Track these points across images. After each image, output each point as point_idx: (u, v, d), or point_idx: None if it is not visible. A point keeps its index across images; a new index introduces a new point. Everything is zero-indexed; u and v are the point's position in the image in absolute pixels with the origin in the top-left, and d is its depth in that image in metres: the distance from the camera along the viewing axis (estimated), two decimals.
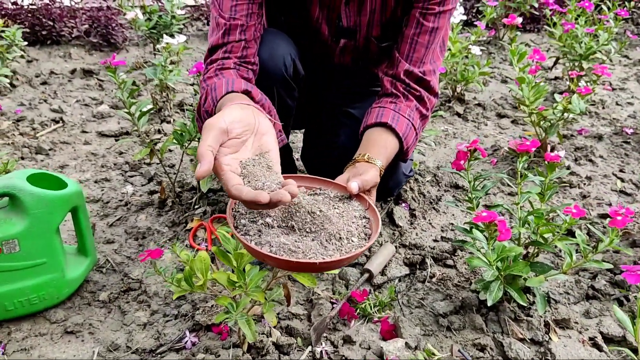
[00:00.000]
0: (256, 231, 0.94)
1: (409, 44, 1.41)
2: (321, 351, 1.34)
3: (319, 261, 0.89)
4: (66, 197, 1.38)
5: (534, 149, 1.31)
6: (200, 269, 1.14)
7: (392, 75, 1.44)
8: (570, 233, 1.78)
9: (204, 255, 1.15)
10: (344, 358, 1.33)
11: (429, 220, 1.92)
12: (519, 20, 2.09)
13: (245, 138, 1.00)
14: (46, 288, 1.40)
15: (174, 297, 1.13)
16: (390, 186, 1.50)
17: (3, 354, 1.31)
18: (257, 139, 1.01)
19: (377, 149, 1.32)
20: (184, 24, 4.04)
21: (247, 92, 1.22)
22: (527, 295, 1.46)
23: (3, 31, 2.62)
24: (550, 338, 1.39)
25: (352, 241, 0.97)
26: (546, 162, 1.37)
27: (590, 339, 1.41)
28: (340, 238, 0.96)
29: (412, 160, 1.54)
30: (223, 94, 1.20)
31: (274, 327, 1.38)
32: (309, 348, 1.34)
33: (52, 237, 1.37)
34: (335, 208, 1.04)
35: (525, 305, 1.37)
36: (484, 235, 1.31)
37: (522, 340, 1.38)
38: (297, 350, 1.34)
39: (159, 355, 1.32)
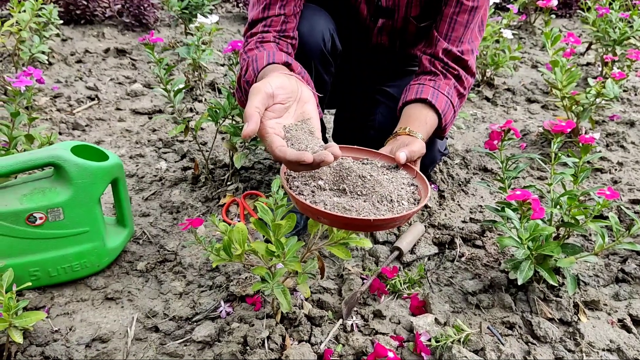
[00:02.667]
0: (309, 192, 0.97)
1: (447, 23, 1.42)
2: (352, 324, 1.37)
3: (374, 218, 0.91)
4: (108, 168, 1.43)
5: (569, 130, 1.31)
6: (238, 240, 1.18)
7: (431, 54, 1.45)
8: (600, 217, 1.78)
9: (242, 226, 1.18)
10: (374, 331, 1.36)
11: (458, 202, 1.93)
12: (555, 2, 2.08)
13: (288, 104, 1.03)
14: (88, 256, 1.45)
15: (213, 265, 1.17)
16: (426, 163, 1.51)
17: (47, 317, 1.36)
18: (299, 106, 1.05)
19: (417, 124, 1.33)
20: (214, 5, 4.07)
21: (287, 65, 1.24)
22: (557, 276, 1.47)
23: (41, 9, 2.67)
24: (579, 319, 1.41)
25: (403, 204, 0.99)
26: (580, 144, 1.37)
27: (619, 320, 1.42)
28: (391, 200, 0.99)
29: (447, 138, 1.56)
30: (264, 65, 1.22)
31: (306, 299, 1.42)
32: (340, 321, 1.38)
33: (94, 207, 1.42)
34: (384, 174, 1.07)
35: (555, 285, 1.38)
36: (516, 214, 1.32)
37: (550, 319, 1.40)
38: (329, 323, 1.38)
39: (195, 323, 1.37)
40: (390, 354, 0.92)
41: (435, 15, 1.49)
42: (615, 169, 2.15)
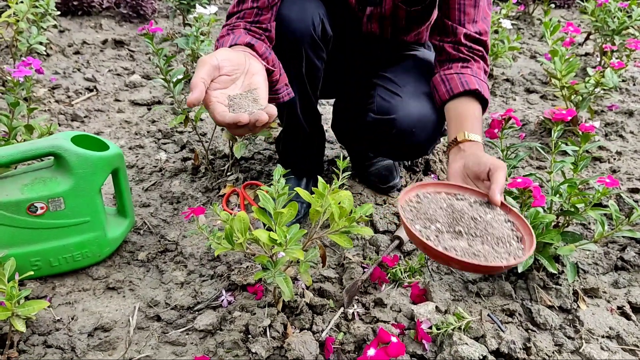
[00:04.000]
0: (434, 236, 1.01)
1: (457, 9, 1.42)
2: (353, 312, 1.38)
3: (505, 265, 0.96)
4: (109, 158, 1.42)
5: (569, 118, 1.31)
6: (240, 229, 1.18)
7: (453, 42, 1.44)
8: (599, 206, 1.78)
9: (243, 215, 1.18)
10: (375, 319, 1.37)
11: None
12: None
13: (235, 76, 1.10)
14: (89, 246, 1.45)
15: (215, 253, 1.17)
16: (425, 144, 1.51)
17: (49, 307, 1.37)
18: (247, 77, 1.11)
19: (470, 124, 1.32)
20: None
21: (250, 45, 1.25)
22: (556, 264, 1.48)
23: (38, 0, 2.66)
24: (578, 306, 1.42)
25: (512, 244, 1.04)
26: (581, 132, 1.38)
27: (619, 307, 1.43)
28: (504, 241, 1.04)
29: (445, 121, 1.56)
30: (227, 47, 1.24)
31: (308, 288, 1.42)
32: (342, 309, 1.38)
33: (95, 197, 1.42)
34: (487, 214, 1.11)
35: (555, 273, 1.39)
36: (517, 202, 1.33)
37: (550, 307, 1.41)
38: (330, 311, 1.38)
39: (197, 312, 1.38)
40: (394, 339, 0.93)
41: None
42: (614, 159, 2.16)
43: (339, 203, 1.18)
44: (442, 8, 1.47)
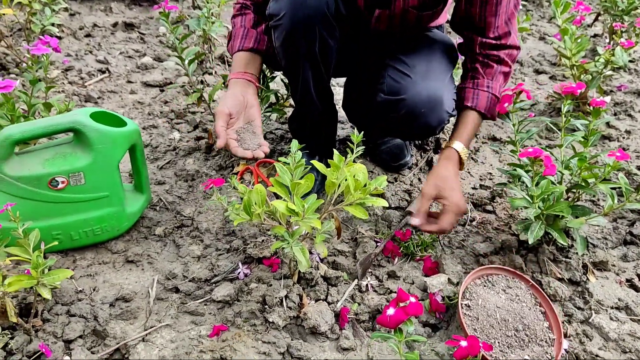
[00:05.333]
0: None
1: (477, 20, 1.49)
2: (367, 284, 1.41)
3: None
4: (127, 134, 1.45)
5: (579, 91, 1.33)
6: (258, 200, 1.21)
7: (470, 55, 1.56)
8: (608, 181, 1.80)
9: (261, 187, 1.21)
10: (389, 291, 1.40)
11: (468, 169, 1.96)
12: None
13: (239, 115, 1.49)
14: (108, 220, 1.48)
15: (235, 223, 1.19)
16: (433, 124, 1.53)
17: (71, 277, 1.40)
18: (246, 111, 1.50)
19: (460, 130, 1.53)
20: None
21: (253, 50, 1.56)
22: (567, 238, 1.50)
23: None
24: (587, 279, 1.44)
25: (544, 325, 1.26)
26: (592, 107, 1.39)
27: (628, 280, 1.45)
28: (540, 327, 1.24)
29: (455, 100, 1.57)
30: (236, 50, 1.57)
31: (322, 260, 1.45)
32: (355, 281, 1.42)
33: (114, 172, 1.45)
34: (522, 302, 1.29)
35: (565, 245, 1.41)
36: (528, 174, 1.35)
37: (560, 280, 1.43)
38: (344, 283, 1.41)
39: (214, 284, 1.41)
40: (412, 299, 0.96)
41: (436, 5, 1.52)
42: (623, 137, 2.17)
43: (354, 176, 1.20)
44: (437, 8, 1.53)
